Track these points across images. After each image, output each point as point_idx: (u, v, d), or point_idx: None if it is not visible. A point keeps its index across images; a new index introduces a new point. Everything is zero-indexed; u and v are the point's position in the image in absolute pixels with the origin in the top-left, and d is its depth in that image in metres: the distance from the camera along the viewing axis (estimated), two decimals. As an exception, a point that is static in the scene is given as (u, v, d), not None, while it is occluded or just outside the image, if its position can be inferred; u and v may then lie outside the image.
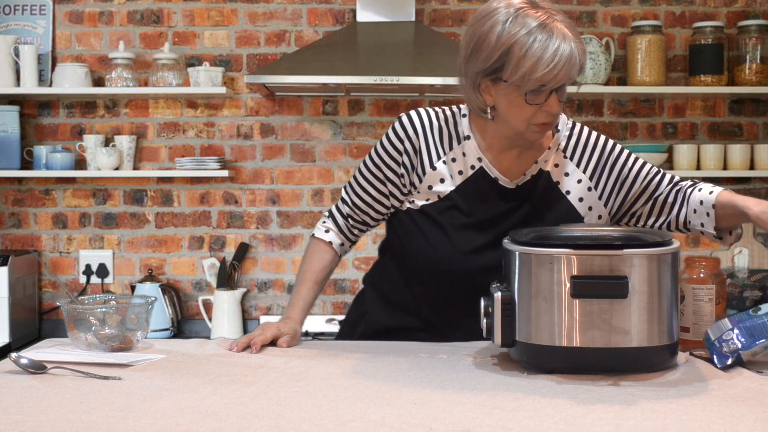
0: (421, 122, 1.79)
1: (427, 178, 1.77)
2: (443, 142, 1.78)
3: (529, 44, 1.60)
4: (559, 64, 1.60)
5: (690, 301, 1.63)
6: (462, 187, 1.76)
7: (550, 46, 1.60)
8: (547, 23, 1.61)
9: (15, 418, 1.18)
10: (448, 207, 1.77)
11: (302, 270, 1.85)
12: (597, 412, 1.21)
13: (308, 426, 1.15)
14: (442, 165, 1.77)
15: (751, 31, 3.51)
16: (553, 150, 1.80)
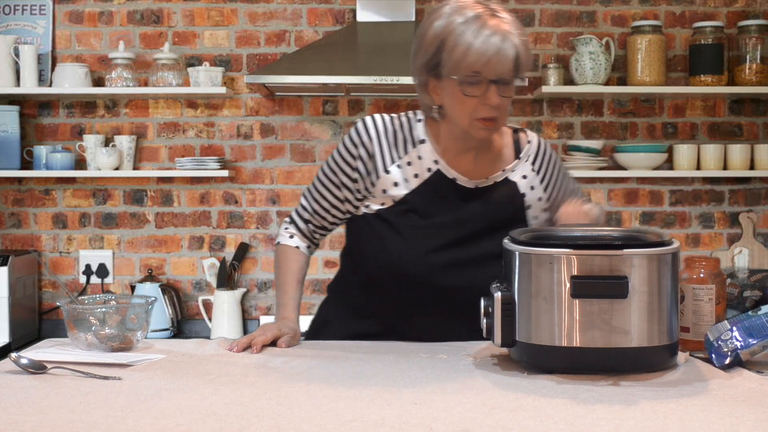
0: (375, 127, 1.81)
1: (381, 182, 1.79)
2: (398, 146, 1.80)
3: (462, 32, 1.65)
4: (488, 51, 1.63)
5: (690, 301, 1.63)
6: (419, 190, 1.79)
7: (482, 35, 1.64)
8: (482, 15, 1.66)
9: (15, 418, 1.18)
10: (404, 210, 1.79)
11: (281, 273, 1.88)
12: (597, 412, 1.21)
13: (308, 426, 1.15)
14: (396, 169, 1.79)
15: (751, 31, 3.51)
16: (523, 161, 1.84)
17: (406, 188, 1.79)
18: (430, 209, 1.78)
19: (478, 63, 1.64)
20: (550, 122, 3.69)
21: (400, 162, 1.79)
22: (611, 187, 3.70)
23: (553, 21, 3.68)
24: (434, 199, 1.79)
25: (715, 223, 3.71)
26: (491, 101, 1.66)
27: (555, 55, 3.67)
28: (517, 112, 3.67)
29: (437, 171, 1.79)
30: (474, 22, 1.65)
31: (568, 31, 3.67)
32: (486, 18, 1.66)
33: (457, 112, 1.71)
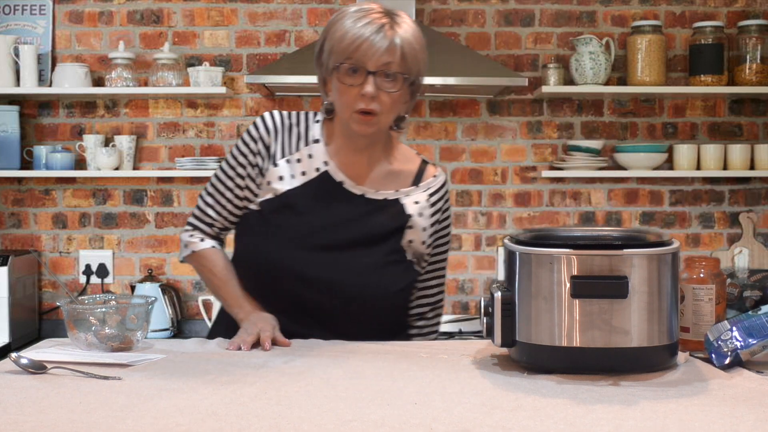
0: (273, 122, 1.82)
1: (268, 174, 1.80)
2: (291, 142, 1.81)
3: (344, 22, 1.70)
4: (361, 38, 1.66)
5: (690, 301, 1.63)
6: (303, 188, 1.79)
7: (359, 24, 1.68)
8: (369, 12, 1.70)
9: (15, 418, 1.18)
10: (281, 205, 1.79)
11: (214, 274, 1.86)
12: (597, 412, 1.21)
13: (308, 426, 1.15)
14: (285, 163, 1.80)
15: (752, 31, 3.51)
16: (420, 190, 1.85)
17: (290, 184, 1.79)
18: (308, 209, 1.78)
19: (350, 48, 1.67)
20: (550, 122, 3.69)
21: (290, 157, 1.80)
22: (611, 187, 3.70)
23: (553, 21, 3.68)
24: (315, 199, 1.79)
25: (715, 223, 3.71)
26: (366, 90, 1.67)
27: (555, 55, 3.67)
28: (517, 112, 3.68)
29: (325, 172, 1.80)
30: (357, 15, 1.70)
31: (568, 31, 3.67)
32: (375, 15, 1.70)
33: (339, 103, 1.74)
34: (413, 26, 1.74)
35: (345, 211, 1.79)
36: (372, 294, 1.77)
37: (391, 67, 1.68)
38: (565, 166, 3.57)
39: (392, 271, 1.81)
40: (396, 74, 1.69)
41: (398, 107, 1.75)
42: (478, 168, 3.69)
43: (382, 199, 1.81)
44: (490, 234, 3.69)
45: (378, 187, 1.82)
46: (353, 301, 1.76)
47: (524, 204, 3.70)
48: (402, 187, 1.84)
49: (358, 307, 1.77)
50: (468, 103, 3.67)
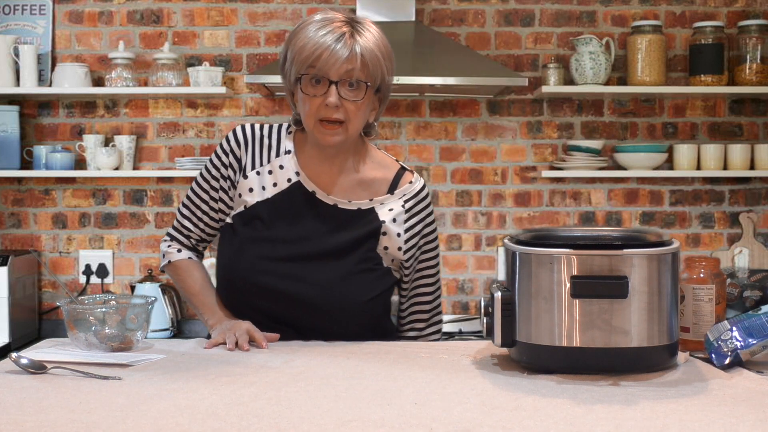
0: (244, 134, 1.83)
1: (239, 187, 1.81)
2: (262, 154, 1.82)
3: (305, 32, 1.70)
4: (321, 47, 1.66)
5: (690, 301, 1.63)
6: (274, 199, 1.79)
7: (320, 33, 1.68)
8: (330, 21, 1.70)
9: (15, 418, 1.18)
10: (251, 217, 1.79)
11: (189, 283, 1.87)
12: (597, 412, 1.21)
13: (308, 426, 1.14)
14: (255, 175, 1.80)
15: (752, 31, 3.51)
16: (397, 197, 1.83)
17: (260, 196, 1.79)
18: (278, 220, 1.78)
19: (311, 57, 1.67)
20: (550, 122, 3.69)
21: (260, 169, 1.81)
22: (611, 187, 3.70)
23: (553, 21, 3.68)
24: (287, 210, 1.79)
25: (715, 223, 3.71)
26: (329, 100, 1.67)
27: (555, 55, 3.67)
28: (517, 112, 3.68)
29: (297, 182, 1.79)
30: (321, 24, 1.70)
31: (568, 31, 3.67)
32: (336, 23, 1.70)
33: (304, 113, 1.74)
34: (376, 33, 1.73)
35: (317, 222, 1.79)
36: (339, 305, 1.75)
37: (352, 75, 1.68)
38: (565, 166, 3.57)
39: (363, 280, 1.78)
40: (358, 82, 1.69)
41: (364, 115, 1.74)
42: (478, 168, 3.69)
43: (356, 209, 1.80)
44: (490, 234, 3.69)
45: (351, 196, 1.81)
46: (319, 313, 1.74)
47: (524, 204, 3.70)
48: (376, 195, 1.82)
49: (326, 318, 1.75)
50: (468, 103, 3.67)
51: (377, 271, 1.81)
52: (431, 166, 3.68)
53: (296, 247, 1.77)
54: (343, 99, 1.68)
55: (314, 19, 1.72)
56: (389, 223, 1.80)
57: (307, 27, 1.71)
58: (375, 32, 1.73)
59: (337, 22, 1.70)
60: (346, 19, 1.71)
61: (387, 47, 1.75)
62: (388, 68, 1.75)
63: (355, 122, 1.73)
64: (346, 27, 1.69)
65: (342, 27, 1.69)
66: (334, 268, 1.77)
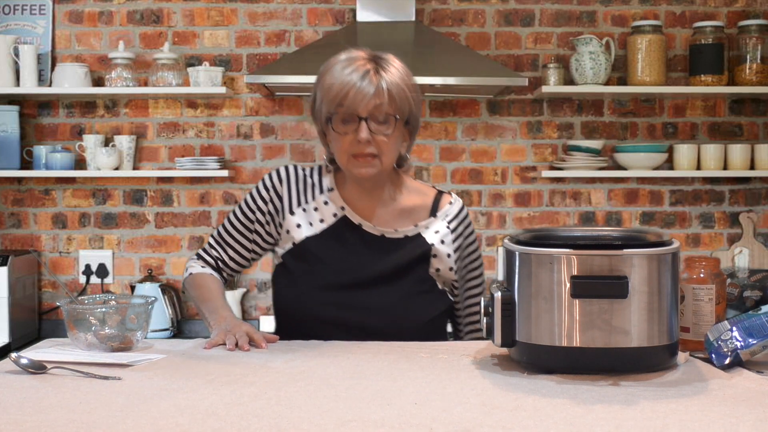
0: (287, 174, 1.90)
1: (286, 223, 1.87)
2: (306, 192, 1.88)
3: (332, 71, 1.77)
4: (347, 86, 1.72)
5: (690, 301, 1.63)
6: (322, 234, 1.84)
7: (345, 72, 1.74)
8: (358, 59, 1.75)
9: (15, 418, 1.18)
10: (302, 252, 1.84)
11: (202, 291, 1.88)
12: (597, 412, 1.21)
13: (308, 426, 1.14)
14: (301, 212, 1.86)
15: (752, 31, 3.51)
16: (440, 219, 1.89)
17: (308, 231, 1.85)
18: (329, 253, 1.84)
19: (339, 96, 1.73)
20: (550, 122, 3.69)
21: (306, 206, 1.87)
22: (611, 187, 3.70)
23: (553, 21, 3.68)
24: (336, 244, 1.84)
25: (715, 223, 3.71)
26: (360, 136, 1.73)
27: (555, 55, 3.67)
28: (517, 112, 3.68)
29: (343, 217, 1.86)
30: (346, 63, 1.76)
31: (568, 31, 3.67)
32: (360, 62, 1.76)
33: (337, 151, 1.79)
34: (400, 68, 1.79)
35: (366, 251, 1.84)
36: (400, 328, 1.79)
37: (381, 109, 1.74)
38: (565, 166, 3.57)
39: (421, 301, 1.85)
40: (387, 116, 1.75)
41: (396, 147, 1.80)
42: (478, 168, 3.69)
43: (402, 236, 1.86)
44: (490, 234, 3.69)
45: (395, 225, 1.87)
46: (382, 337, 1.76)
47: (524, 204, 3.70)
48: (420, 220, 1.88)
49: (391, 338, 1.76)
50: (468, 103, 3.67)
51: (434, 293, 1.87)
52: (431, 166, 3.68)
53: (351, 276, 1.82)
54: (373, 134, 1.74)
55: (339, 59, 1.78)
56: (438, 245, 1.87)
57: (333, 68, 1.77)
58: (399, 67, 1.79)
59: (360, 60, 1.76)
60: (369, 56, 1.78)
61: (412, 80, 1.81)
62: (414, 100, 1.81)
63: (388, 155, 1.78)
64: (370, 64, 1.75)
65: (366, 64, 1.75)
66: (391, 292, 1.82)
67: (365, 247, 1.84)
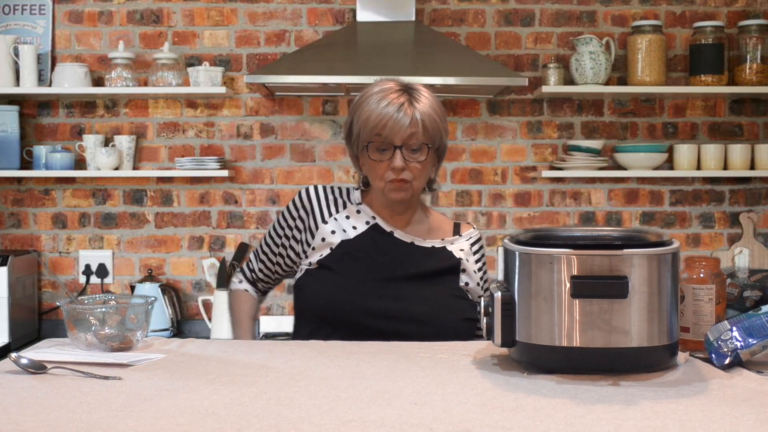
0: (316, 192, 2.02)
1: (319, 233, 1.97)
2: (336, 204, 2.00)
3: (368, 103, 1.88)
4: (384, 118, 1.84)
5: (690, 301, 1.63)
6: (358, 238, 1.95)
7: (381, 104, 1.86)
8: (391, 91, 1.88)
9: (15, 418, 1.18)
10: (341, 254, 1.93)
11: (235, 312, 2.13)
12: (597, 412, 1.21)
13: (308, 426, 1.14)
14: (333, 221, 1.98)
15: (752, 31, 3.51)
16: (464, 239, 2.02)
17: (344, 236, 1.95)
18: (366, 254, 1.93)
19: (377, 127, 1.85)
20: (550, 122, 3.69)
21: (337, 216, 1.98)
22: (611, 187, 3.70)
23: (553, 21, 3.68)
24: (370, 247, 1.94)
25: (715, 223, 3.71)
26: (395, 163, 1.86)
27: (555, 55, 3.67)
28: (517, 112, 3.68)
29: (375, 224, 1.97)
30: (381, 95, 1.87)
31: (568, 31, 3.67)
32: (393, 95, 1.87)
33: (372, 176, 1.91)
34: (431, 97, 1.91)
35: (399, 254, 1.95)
36: (444, 319, 1.90)
37: (415, 139, 1.86)
38: (566, 166, 3.57)
39: (459, 303, 1.95)
40: (421, 145, 1.87)
41: (427, 172, 1.93)
42: (478, 168, 3.69)
43: (431, 246, 1.97)
44: (490, 234, 3.69)
45: (424, 237, 1.99)
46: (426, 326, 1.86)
47: (524, 204, 3.70)
48: (446, 236, 2.01)
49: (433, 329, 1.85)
50: (468, 103, 3.67)
51: (469, 301, 1.97)
52: (431, 166, 3.67)
53: (390, 271, 1.92)
54: (407, 161, 1.86)
55: (373, 91, 1.90)
56: (465, 261, 1.99)
57: (369, 99, 1.89)
58: (430, 97, 1.91)
59: (393, 93, 1.88)
60: (401, 88, 1.90)
61: (441, 110, 1.93)
62: (444, 129, 1.93)
63: (420, 180, 1.91)
64: (403, 96, 1.87)
65: (400, 97, 1.87)
66: (432, 288, 1.93)
67: (397, 252, 1.94)
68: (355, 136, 1.92)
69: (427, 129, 1.87)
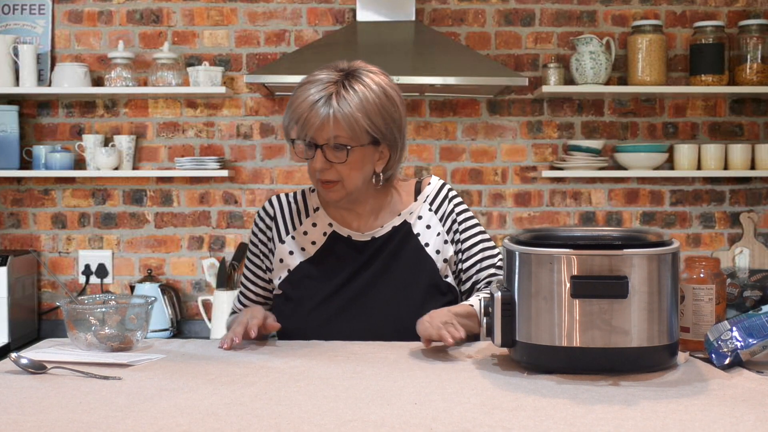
0: (274, 204, 1.91)
1: (278, 252, 1.87)
2: (293, 218, 1.89)
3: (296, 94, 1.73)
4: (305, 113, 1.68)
5: (690, 301, 1.63)
6: (315, 257, 1.84)
7: (305, 94, 1.70)
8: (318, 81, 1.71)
9: (15, 418, 1.18)
10: (300, 278, 1.83)
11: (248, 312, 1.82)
12: (597, 412, 1.21)
13: (308, 426, 1.14)
14: (291, 240, 1.86)
15: (752, 31, 3.51)
16: (420, 202, 1.88)
17: (302, 256, 1.85)
18: (326, 273, 1.83)
19: (299, 123, 1.70)
20: (551, 122, 3.69)
21: (294, 233, 1.87)
22: (612, 187, 3.70)
23: (553, 20, 3.68)
24: (331, 262, 1.84)
25: (715, 223, 3.71)
26: (314, 165, 1.72)
27: (555, 55, 3.67)
28: (518, 112, 3.68)
29: (332, 233, 1.86)
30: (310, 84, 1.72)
31: (568, 31, 3.67)
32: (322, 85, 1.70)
33: (309, 175, 1.79)
34: (366, 89, 1.72)
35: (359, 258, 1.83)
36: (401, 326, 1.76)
37: (339, 139, 1.70)
38: (566, 166, 3.56)
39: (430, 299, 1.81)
40: (339, 146, 1.71)
41: (360, 171, 1.75)
42: (478, 168, 3.69)
43: (390, 229, 1.85)
44: (490, 234, 3.68)
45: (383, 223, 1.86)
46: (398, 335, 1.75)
47: (524, 204, 3.70)
48: (402, 209, 1.87)
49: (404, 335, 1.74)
50: (468, 102, 3.67)
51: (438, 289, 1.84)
52: (431, 166, 3.68)
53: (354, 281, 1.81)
54: (330, 161, 1.72)
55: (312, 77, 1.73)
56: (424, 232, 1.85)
57: (301, 87, 1.74)
58: (365, 88, 1.72)
59: (324, 83, 1.71)
60: (337, 78, 1.72)
61: (380, 100, 1.72)
62: (376, 123, 1.72)
63: (351, 180, 1.75)
64: (332, 87, 1.70)
65: (328, 88, 1.70)
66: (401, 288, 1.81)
67: (357, 254, 1.83)
68: (284, 127, 1.77)
69: (343, 128, 1.69)
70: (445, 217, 1.88)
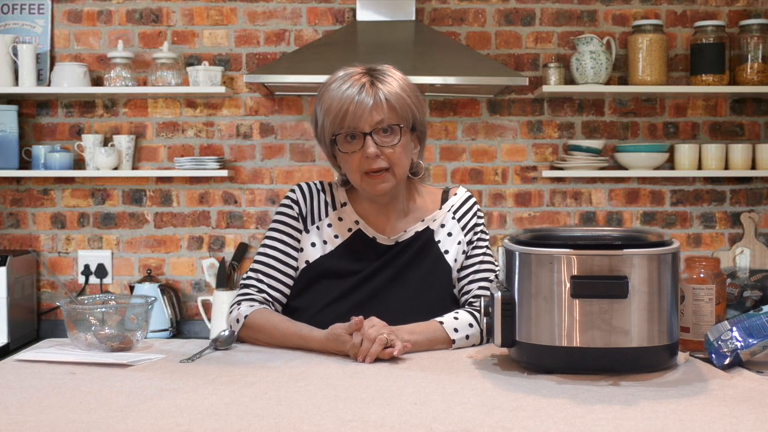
0: (302, 191, 1.87)
1: (302, 241, 1.84)
2: (320, 209, 1.86)
3: (328, 93, 1.74)
4: (346, 103, 1.70)
5: (690, 301, 1.63)
6: (336, 252, 1.82)
7: (343, 89, 1.71)
8: (350, 76, 1.73)
9: (15, 418, 1.18)
10: (319, 273, 1.81)
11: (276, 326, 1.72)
12: (597, 412, 1.21)
13: (308, 426, 1.14)
14: (315, 230, 1.84)
15: (753, 31, 3.51)
16: (445, 210, 1.88)
17: (322, 250, 1.83)
18: (344, 271, 1.81)
19: (339, 116, 1.71)
20: (551, 122, 3.69)
21: (319, 224, 1.85)
22: (612, 187, 3.70)
23: (553, 20, 3.68)
24: (350, 259, 1.82)
25: (716, 223, 3.71)
26: (368, 152, 1.71)
27: (556, 55, 3.67)
28: (518, 112, 3.67)
29: (358, 230, 1.84)
30: (341, 80, 1.74)
31: (568, 31, 3.67)
32: (355, 77, 1.73)
33: (349, 171, 1.78)
34: (396, 76, 1.77)
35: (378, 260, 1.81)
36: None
37: (384, 122, 1.72)
38: (566, 165, 3.56)
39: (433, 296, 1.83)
40: (392, 127, 1.73)
41: (407, 156, 1.78)
42: (479, 168, 3.69)
43: (413, 234, 1.84)
44: (491, 234, 3.69)
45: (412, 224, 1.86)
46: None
47: (525, 204, 3.70)
48: (426, 215, 1.87)
49: None
50: (468, 102, 3.67)
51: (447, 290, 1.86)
52: (431, 166, 3.68)
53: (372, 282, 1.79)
54: (380, 147, 1.72)
55: (335, 77, 1.76)
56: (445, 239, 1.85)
57: (330, 87, 1.75)
58: (396, 75, 1.77)
59: (356, 75, 1.74)
60: (364, 70, 1.76)
61: (411, 87, 1.79)
62: (416, 106, 1.78)
63: (400, 165, 1.76)
64: (365, 77, 1.73)
65: (361, 78, 1.73)
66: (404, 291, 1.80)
67: (377, 257, 1.82)
68: (321, 129, 1.77)
69: (395, 108, 1.72)
70: (468, 229, 1.88)
